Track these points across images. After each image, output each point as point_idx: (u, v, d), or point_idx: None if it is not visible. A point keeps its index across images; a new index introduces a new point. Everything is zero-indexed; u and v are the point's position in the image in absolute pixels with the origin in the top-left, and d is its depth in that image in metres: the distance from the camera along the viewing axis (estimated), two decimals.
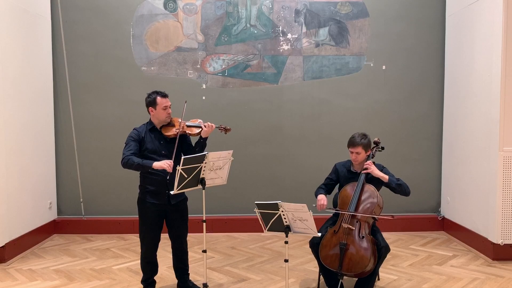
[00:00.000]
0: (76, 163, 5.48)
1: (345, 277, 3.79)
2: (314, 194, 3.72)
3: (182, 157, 3.06)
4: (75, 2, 5.39)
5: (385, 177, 3.47)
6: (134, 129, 3.50)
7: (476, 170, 4.69)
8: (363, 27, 5.49)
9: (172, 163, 3.22)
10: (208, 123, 3.48)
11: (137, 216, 3.57)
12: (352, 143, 3.53)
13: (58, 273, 4.19)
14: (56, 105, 5.45)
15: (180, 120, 3.49)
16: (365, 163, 3.52)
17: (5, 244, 4.39)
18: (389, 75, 5.53)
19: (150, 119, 3.53)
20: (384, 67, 5.52)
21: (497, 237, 4.33)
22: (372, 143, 3.64)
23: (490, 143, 4.41)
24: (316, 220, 3.01)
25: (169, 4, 5.43)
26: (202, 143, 3.50)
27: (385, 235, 5.24)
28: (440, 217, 5.52)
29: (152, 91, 3.50)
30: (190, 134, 3.50)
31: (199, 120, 3.57)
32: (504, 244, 4.33)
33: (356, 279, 3.51)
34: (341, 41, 5.50)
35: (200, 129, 3.48)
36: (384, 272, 4.13)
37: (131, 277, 4.07)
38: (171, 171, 3.21)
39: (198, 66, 5.49)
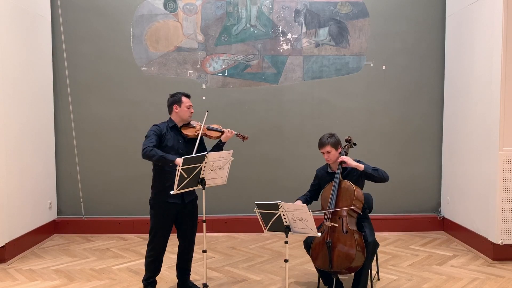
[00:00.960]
0: (76, 163, 5.48)
1: (345, 277, 3.79)
2: (301, 198, 3.78)
3: (182, 157, 3.06)
4: (75, 2, 5.39)
5: (359, 166, 3.51)
6: (154, 125, 3.55)
7: (476, 170, 4.69)
8: (363, 27, 5.49)
9: None
10: (229, 129, 3.60)
11: (137, 216, 3.58)
12: (320, 144, 3.62)
13: (58, 273, 4.19)
14: (56, 105, 5.45)
15: (199, 123, 3.60)
16: (339, 158, 3.58)
17: (5, 244, 4.39)
18: (389, 75, 5.53)
19: (170, 117, 3.59)
20: (384, 67, 5.52)
21: (497, 237, 4.33)
22: (343, 141, 3.72)
23: (490, 143, 4.41)
24: (316, 220, 3.01)
25: (169, 4, 5.43)
26: (220, 147, 3.61)
27: (386, 235, 5.30)
28: (440, 217, 5.52)
29: (175, 92, 3.61)
30: (209, 137, 3.59)
31: (219, 126, 3.68)
32: (504, 244, 4.33)
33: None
34: (341, 41, 5.50)
35: (219, 133, 3.60)
36: (384, 272, 4.13)
37: (131, 277, 4.07)
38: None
39: (198, 66, 5.49)
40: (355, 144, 3.79)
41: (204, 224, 3.28)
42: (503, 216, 4.31)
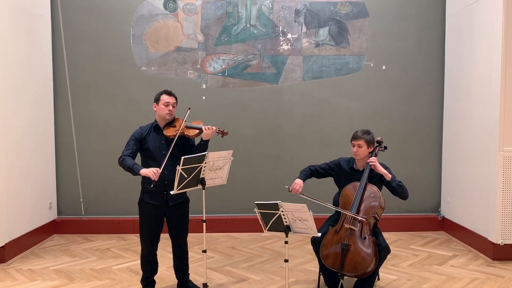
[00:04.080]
0: (76, 163, 5.48)
1: (345, 277, 3.79)
2: (301, 176, 3.66)
3: (182, 157, 3.06)
4: (75, 2, 5.39)
5: (388, 175, 3.47)
6: (139, 127, 3.54)
7: (476, 170, 4.69)
8: (363, 27, 5.49)
9: (159, 171, 3.21)
10: (209, 126, 3.47)
11: (137, 216, 3.58)
12: (355, 136, 3.57)
13: (58, 273, 4.19)
14: (56, 105, 5.45)
15: (182, 121, 3.52)
16: (369, 158, 3.52)
17: (5, 244, 4.39)
18: (389, 75, 5.53)
19: (155, 117, 3.58)
20: (384, 67, 5.52)
21: (497, 237, 4.33)
22: (375, 142, 3.65)
23: (490, 143, 4.41)
24: (316, 220, 3.01)
25: (169, 4, 5.43)
26: (203, 145, 3.50)
27: (385, 235, 5.22)
28: (440, 217, 5.52)
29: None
30: (188, 135, 3.48)
31: (201, 122, 3.56)
32: (504, 244, 4.33)
33: (356, 279, 3.52)
34: (341, 41, 5.50)
35: (198, 131, 3.47)
36: (384, 272, 4.13)
37: (131, 277, 4.07)
38: (156, 179, 3.19)
39: (198, 66, 5.49)
40: (385, 148, 3.70)
41: (204, 224, 3.28)
42: (503, 216, 4.31)
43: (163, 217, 3.53)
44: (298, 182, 3.56)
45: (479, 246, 4.63)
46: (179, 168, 3.03)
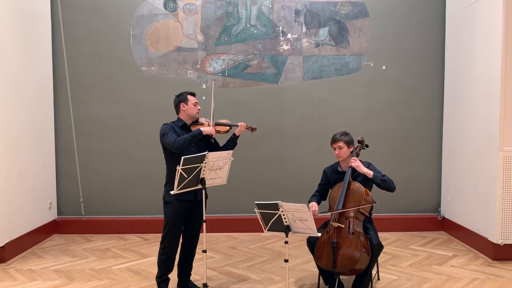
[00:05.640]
0: (76, 163, 5.48)
1: (346, 277, 3.79)
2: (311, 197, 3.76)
3: (182, 157, 3.07)
4: (75, 2, 5.39)
5: (369, 173, 3.51)
6: (164, 124, 3.58)
7: (476, 170, 4.69)
8: (363, 27, 5.49)
9: (214, 131, 3.58)
10: (241, 122, 3.73)
11: (137, 216, 3.58)
12: (333, 140, 3.65)
13: (58, 273, 4.19)
14: (56, 105, 5.45)
15: (208, 120, 3.70)
16: (351, 159, 3.57)
17: (5, 244, 4.38)
18: (389, 75, 5.53)
19: (178, 117, 3.63)
20: (384, 67, 5.52)
21: (497, 237, 4.33)
22: (355, 142, 3.71)
23: (490, 143, 4.41)
24: (316, 220, 3.01)
25: (169, 4, 5.43)
26: (235, 141, 3.74)
27: (386, 235, 5.30)
28: (440, 217, 5.52)
29: (181, 92, 3.67)
30: (218, 132, 3.67)
31: (228, 121, 3.78)
32: (504, 244, 4.33)
33: (353, 278, 3.53)
34: (341, 41, 5.50)
35: (228, 128, 3.71)
36: (384, 272, 4.13)
37: (131, 277, 4.07)
38: (214, 136, 3.57)
39: (198, 66, 5.49)
40: (367, 146, 3.75)
41: (204, 224, 3.29)
42: (503, 216, 4.31)
43: (187, 212, 3.56)
44: (312, 204, 3.60)
45: (479, 246, 4.63)
46: (179, 168, 3.04)
